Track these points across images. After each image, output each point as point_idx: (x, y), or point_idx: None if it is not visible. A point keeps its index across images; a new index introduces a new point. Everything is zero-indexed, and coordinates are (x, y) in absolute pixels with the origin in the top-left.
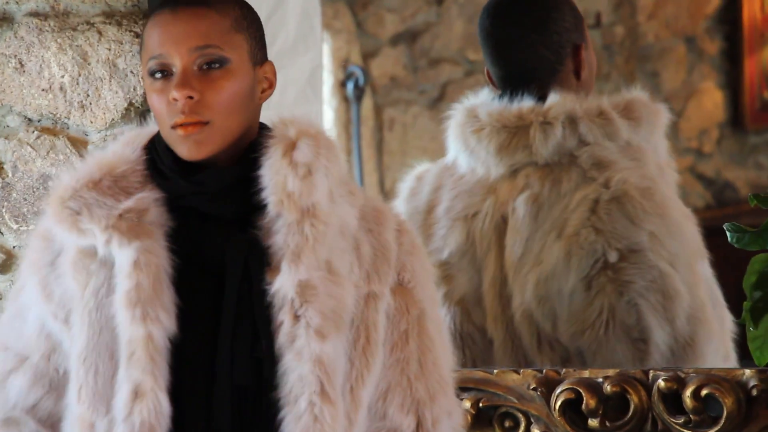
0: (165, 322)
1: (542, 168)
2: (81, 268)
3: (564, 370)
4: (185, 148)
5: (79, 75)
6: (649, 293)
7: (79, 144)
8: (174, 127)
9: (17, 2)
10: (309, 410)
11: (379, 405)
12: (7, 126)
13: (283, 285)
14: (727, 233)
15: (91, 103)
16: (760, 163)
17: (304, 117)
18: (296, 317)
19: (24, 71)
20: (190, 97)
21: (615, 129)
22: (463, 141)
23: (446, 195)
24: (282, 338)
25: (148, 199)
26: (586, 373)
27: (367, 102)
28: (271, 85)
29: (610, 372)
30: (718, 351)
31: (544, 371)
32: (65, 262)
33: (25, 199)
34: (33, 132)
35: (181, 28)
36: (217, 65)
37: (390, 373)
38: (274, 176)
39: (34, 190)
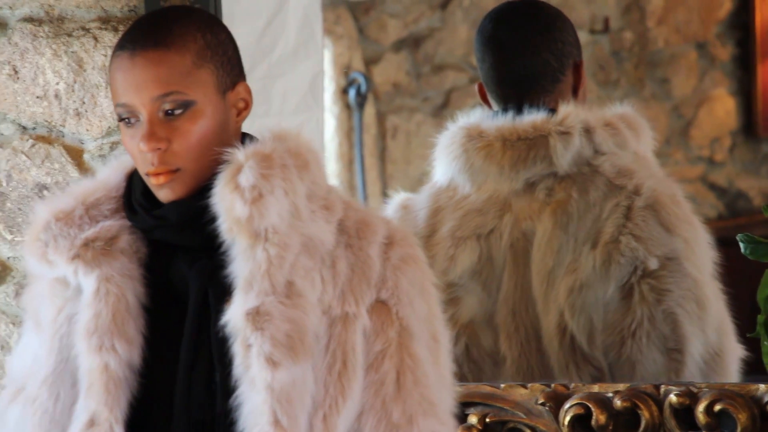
0: (122, 353)
1: (564, 179)
2: (57, 293)
3: (573, 384)
4: (161, 194)
5: (75, 82)
6: (685, 302)
7: (74, 152)
8: (147, 174)
9: (11, 7)
10: None
11: (354, 428)
12: (1, 134)
13: (233, 315)
14: (740, 244)
15: (87, 111)
16: None
17: (283, 129)
18: (248, 346)
19: (18, 78)
20: (158, 147)
21: (624, 138)
22: (465, 160)
23: (450, 216)
24: (237, 369)
25: (115, 226)
26: (595, 388)
27: (370, 109)
28: (247, 105)
29: (621, 387)
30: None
31: (552, 386)
32: (44, 289)
33: (19, 209)
34: (28, 140)
35: (141, 76)
36: (182, 110)
37: (365, 395)
38: (221, 203)
39: (29, 199)
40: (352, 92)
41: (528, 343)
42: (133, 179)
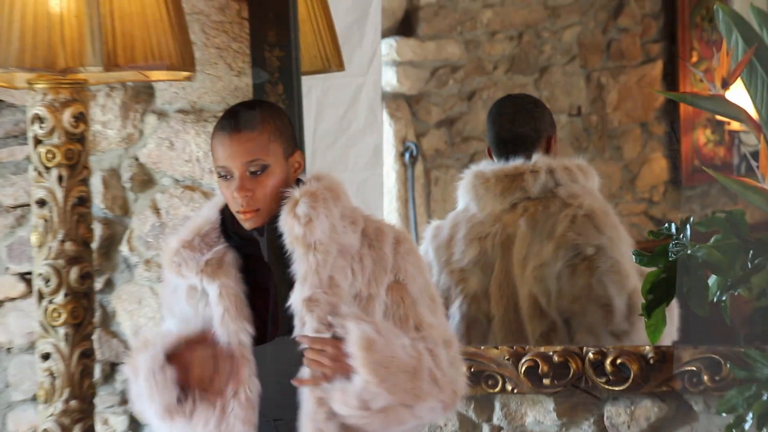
0: (249, 330)
1: (534, 200)
2: (192, 296)
3: (527, 346)
4: (247, 224)
5: (209, 151)
6: (611, 273)
7: (209, 196)
8: (237, 212)
9: (170, 103)
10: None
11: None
12: (163, 185)
13: (294, 301)
14: (633, 257)
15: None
16: (693, 209)
17: (320, 172)
18: (303, 323)
19: (173, 148)
20: (246, 195)
21: (576, 176)
22: (474, 191)
23: (463, 227)
24: (297, 331)
25: (222, 249)
26: (541, 349)
27: (419, 166)
28: (300, 165)
29: (558, 348)
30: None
31: (514, 347)
32: (181, 291)
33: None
34: (179, 188)
35: (235, 149)
36: (261, 170)
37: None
38: (285, 226)
39: (180, 227)
40: (407, 155)
41: (509, 306)
42: (225, 213)
